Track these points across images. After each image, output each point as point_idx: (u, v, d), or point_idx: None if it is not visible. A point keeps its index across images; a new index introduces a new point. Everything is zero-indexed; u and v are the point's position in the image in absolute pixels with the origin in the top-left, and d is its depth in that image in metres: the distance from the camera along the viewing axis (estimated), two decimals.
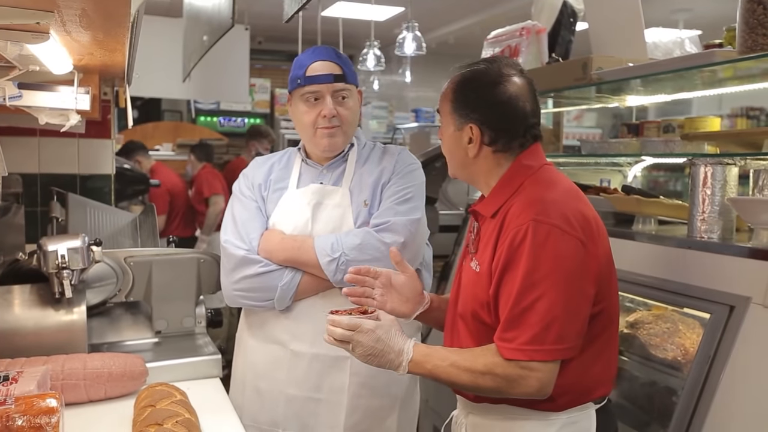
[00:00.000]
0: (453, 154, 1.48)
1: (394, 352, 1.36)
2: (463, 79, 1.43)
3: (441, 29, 7.18)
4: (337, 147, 1.82)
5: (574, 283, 1.29)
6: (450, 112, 1.44)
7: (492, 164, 1.43)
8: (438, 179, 3.21)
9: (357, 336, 1.36)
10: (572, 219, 1.31)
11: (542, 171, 1.41)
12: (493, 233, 1.38)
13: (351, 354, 1.39)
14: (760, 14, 1.67)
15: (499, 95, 1.38)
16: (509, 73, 1.40)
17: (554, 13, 2.82)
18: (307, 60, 1.79)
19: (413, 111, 7.98)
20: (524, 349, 1.27)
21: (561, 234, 1.29)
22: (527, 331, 1.27)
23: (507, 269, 1.31)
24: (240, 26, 5.98)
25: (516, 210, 1.34)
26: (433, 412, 2.77)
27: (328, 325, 1.39)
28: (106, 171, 2.74)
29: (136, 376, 1.62)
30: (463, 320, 1.45)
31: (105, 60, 1.57)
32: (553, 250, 1.28)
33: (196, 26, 3.86)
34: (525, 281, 1.27)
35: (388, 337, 1.37)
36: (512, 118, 1.39)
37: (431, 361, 1.36)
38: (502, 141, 1.40)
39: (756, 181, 1.89)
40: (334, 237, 1.73)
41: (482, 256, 1.41)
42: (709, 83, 2.26)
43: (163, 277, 1.97)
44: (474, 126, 1.40)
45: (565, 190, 1.38)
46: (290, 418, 1.79)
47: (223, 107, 7.91)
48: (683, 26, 6.53)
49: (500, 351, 1.29)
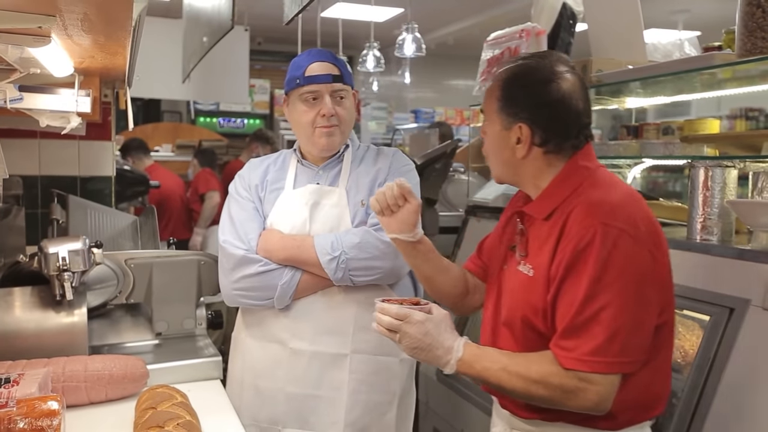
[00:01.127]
0: (497, 155, 1.40)
1: (443, 348, 1.30)
2: (512, 75, 1.36)
3: (440, 30, 7.19)
4: (335, 146, 1.83)
5: (642, 293, 1.22)
6: (497, 110, 1.37)
7: (542, 165, 1.35)
8: (438, 180, 3.21)
9: (405, 327, 1.30)
10: (640, 224, 1.24)
11: (599, 172, 1.35)
12: (550, 236, 1.30)
13: (397, 345, 1.34)
14: (759, 17, 1.68)
15: (552, 93, 1.31)
16: (561, 70, 1.33)
17: (554, 15, 2.82)
18: (305, 61, 1.82)
19: (412, 112, 7.99)
20: (585, 359, 1.19)
21: (630, 239, 1.21)
22: (590, 340, 1.19)
23: (570, 274, 1.23)
24: (240, 27, 5.99)
25: (580, 213, 1.26)
26: (434, 414, 2.78)
27: (377, 313, 1.35)
28: (107, 173, 2.74)
29: (137, 378, 1.62)
30: (509, 328, 1.37)
31: (106, 63, 1.57)
32: (621, 256, 1.20)
33: (196, 27, 3.86)
34: (590, 288, 1.20)
35: (438, 331, 1.31)
36: (565, 118, 1.32)
37: (481, 362, 1.29)
38: (554, 142, 1.33)
39: (755, 183, 1.90)
40: (334, 236, 1.75)
41: (536, 259, 1.33)
42: (708, 85, 2.26)
43: (164, 279, 1.97)
44: (524, 126, 1.33)
45: (628, 194, 1.31)
46: (291, 415, 1.80)
47: (223, 108, 7.92)
48: (682, 27, 6.54)
49: (559, 360, 1.22)
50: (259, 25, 6.66)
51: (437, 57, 7.25)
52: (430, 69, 8.09)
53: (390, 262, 1.74)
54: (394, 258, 1.74)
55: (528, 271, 1.34)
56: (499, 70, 1.39)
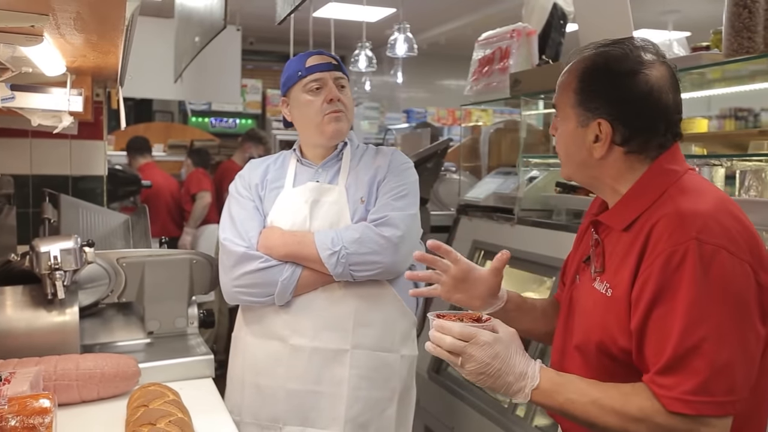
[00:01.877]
0: (571, 154, 1.25)
1: (514, 375, 1.13)
2: (592, 66, 1.20)
3: (432, 30, 7.20)
4: (343, 133, 1.86)
5: (746, 317, 1.05)
6: (573, 105, 1.21)
7: (623, 167, 1.19)
8: (430, 180, 3.22)
9: (470, 349, 1.13)
10: (739, 238, 1.07)
11: (688, 177, 1.17)
12: (631, 251, 1.14)
13: (458, 370, 1.16)
14: (746, 18, 1.70)
15: (639, 86, 1.15)
16: (650, 60, 1.16)
17: (544, 15, 2.85)
18: (303, 57, 1.87)
19: (405, 112, 8.01)
20: (689, 399, 1.03)
21: (729, 257, 1.05)
22: (693, 376, 1.03)
23: (661, 299, 1.07)
24: (232, 27, 5.98)
25: (668, 225, 1.09)
26: (425, 412, 2.79)
27: (435, 332, 1.16)
28: (98, 172, 2.74)
29: (128, 376, 1.63)
30: (581, 352, 1.22)
31: (98, 62, 1.57)
32: (721, 277, 1.04)
33: (188, 27, 3.85)
34: (688, 315, 1.03)
35: (508, 354, 1.14)
36: (652, 114, 1.16)
37: (564, 393, 1.12)
38: (638, 141, 1.17)
39: (742, 181, 1.92)
40: (334, 232, 1.76)
41: (615, 277, 1.16)
42: (697, 85, 2.29)
43: (156, 278, 1.97)
44: (604, 122, 1.17)
45: (721, 201, 1.13)
46: (291, 413, 1.81)
47: (215, 108, 7.91)
48: (672, 27, 6.59)
49: (659, 399, 1.06)
50: (251, 25, 6.66)
51: (429, 57, 7.27)
52: (422, 69, 8.10)
53: (390, 258, 1.75)
54: (393, 253, 1.75)
55: (605, 290, 1.18)
56: (576, 58, 1.23)
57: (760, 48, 1.70)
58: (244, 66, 6.45)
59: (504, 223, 2.68)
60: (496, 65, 2.77)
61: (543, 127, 3.29)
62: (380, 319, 1.82)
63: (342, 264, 1.73)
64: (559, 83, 1.25)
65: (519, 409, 2.31)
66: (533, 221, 2.56)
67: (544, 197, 2.61)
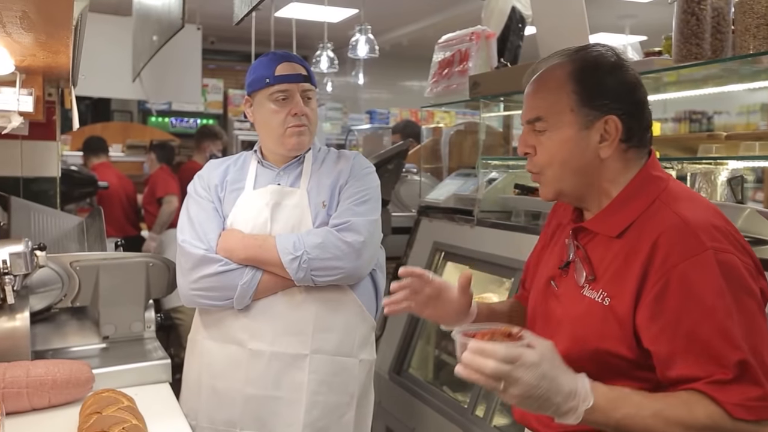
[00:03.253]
0: (569, 162, 1.19)
1: (562, 395, 1.03)
2: (586, 64, 1.18)
3: (395, 31, 7.23)
4: (304, 146, 1.85)
5: (764, 320, 1.08)
6: (575, 107, 1.16)
7: (619, 167, 1.18)
8: (390, 181, 3.23)
9: (517, 371, 1.00)
10: (740, 244, 1.10)
11: (674, 184, 1.19)
12: (633, 261, 1.11)
13: (499, 394, 1.04)
14: (694, 25, 1.75)
15: (631, 79, 1.17)
16: (624, 59, 1.20)
17: (503, 18, 2.88)
18: (273, 61, 1.83)
19: (367, 113, 8.02)
20: (752, 406, 1.03)
21: (741, 262, 1.07)
22: (754, 385, 1.02)
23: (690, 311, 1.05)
24: (192, 26, 5.91)
25: (677, 235, 1.07)
26: (386, 413, 2.80)
27: (475, 356, 1.02)
28: (51, 173, 2.68)
29: (81, 382, 1.59)
30: (570, 362, 1.12)
31: (49, 61, 1.54)
32: (742, 284, 1.06)
33: (146, 25, 3.80)
34: (729, 324, 1.03)
35: (555, 373, 1.03)
36: (645, 107, 1.19)
37: (621, 409, 1.05)
38: (638, 135, 1.18)
39: (693, 184, 1.97)
40: (296, 236, 1.75)
41: (614, 287, 1.14)
42: (652, 88, 2.34)
43: (111, 282, 1.93)
44: (613, 118, 1.15)
45: (713, 208, 1.15)
46: (248, 417, 1.79)
47: (175, 108, 7.80)
48: (629, 32, 6.74)
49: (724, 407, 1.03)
50: (211, 24, 6.58)
51: (392, 58, 7.30)
52: (385, 70, 8.13)
53: (352, 263, 1.75)
54: (356, 259, 1.75)
55: (602, 299, 1.14)
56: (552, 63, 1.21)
57: (708, 54, 1.76)
58: (205, 66, 6.39)
59: (464, 225, 2.70)
60: (456, 67, 2.79)
61: (502, 129, 3.33)
62: (340, 324, 1.81)
63: (304, 269, 1.72)
64: (539, 93, 1.20)
65: (478, 409, 2.33)
66: (492, 222, 2.58)
67: (503, 199, 2.64)
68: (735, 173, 1.88)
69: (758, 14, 1.66)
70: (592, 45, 1.22)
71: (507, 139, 3.22)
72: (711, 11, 1.75)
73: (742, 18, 1.69)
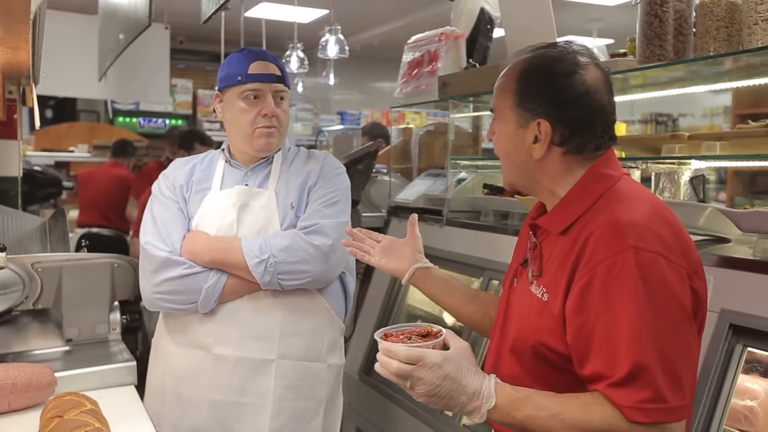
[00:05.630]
0: (511, 157, 1.25)
1: (467, 395, 1.09)
2: (530, 67, 1.21)
3: (365, 32, 7.23)
4: (273, 147, 1.82)
5: (688, 324, 1.08)
6: (513, 106, 1.21)
7: (561, 169, 1.20)
8: (360, 181, 3.23)
9: (418, 372, 1.07)
10: (673, 244, 1.09)
11: (623, 182, 1.19)
12: (568, 257, 1.14)
13: (409, 392, 1.11)
14: (657, 27, 1.78)
15: (576, 86, 1.17)
16: (585, 62, 1.19)
17: (472, 19, 2.90)
18: (246, 59, 1.79)
19: (338, 113, 8.01)
20: (647, 408, 1.03)
21: (667, 263, 1.06)
22: (648, 387, 1.03)
23: (604, 310, 1.06)
24: (159, 25, 5.84)
25: (603, 234, 1.09)
26: (356, 414, 2.79)
27: (382, 356, 1.11)
28: (12, 173, 2.62)
29: (43, 386, 1.56)
30: (517, 356, 1.21)
31: (8, 57, 1.51)
32: (661, 284, 1.05)
33: (112, 24, 3.74)
34: (636, 326, 1.04)
35: (460, 373, 1.09)
36: (589, 113, 1.18)
37: (523, 410, 1.08)
38: (576, 141, 1.18)
39: (657, 183, 2.01)
40: (262, 238, 1.72)
41: (552, 282, 1.16)
42: (618, 90, 2.36)
43: (74, 283, 1.89)
44: (544, 122, 1.18)
45: (656, 208, 1.15)
46: (213, 424, 1.76)
47: (143, 108, 7.71)
48: (597, 35, 6.84)
49: (620, 410, 1.04)
50: (180, 24, 6.52)
51: (363, 59, 7.31)
52: (356, 71, 8.14)
53: (319, 267, 1.72)
54: (323, 262, 1.72)
55: (542, 294, 1.18)
56: (514, 61, 1.24)
57: (670, 56, 1.79)
58: (174, 65, 6.33)
59: (433, 225, 2.71)
60: (425, 68, 2.80)
61: (471, 129, 3.35)
62: (308, 329, 1.79)
63: (270, 273, 1.68)
64: (496, 86, 1.26)
65: None
66: (461, 222, 2.60)
67: (472, 199, 2.66)
68: (697, 173, 1.92)
69: (718, 17, 1.70)
70: (554, 45, 1.23)
71: (476, 140, 3.24)
72: (673, 14, 1.78)
73: (703, 20, 1.73)
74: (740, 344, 1.51)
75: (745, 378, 1.56)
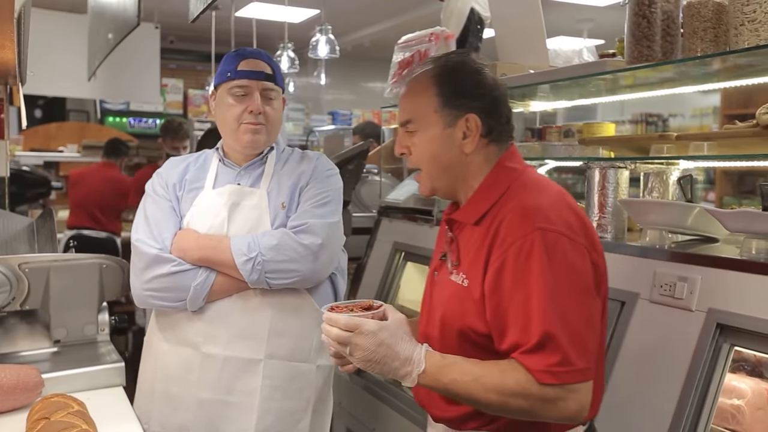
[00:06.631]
0: (437, 160, 1.32)
1: (400, 360, 1.20)
2: (445, 69, 1.31)
3: (356, 33, 7.23)
4: (259, 145, 1.81)
5: (589, 295, 1.21)
6: (437, 108, 1.29)
7: (482, 161, 1.31)
8: (351, 181, 3.23)
9: (355, 338, 1.19)
10: (575, 225, 1.22)
11: (527, 174, 1.32)
12: (483, 244, 1.24)
13: (349, 358, 1.23)
14: (645, 27, 1.79)
15: (488, 80, 1.30)
16: (481, 63, 1.33)
17: (462, 19, 2.90)
18: (239, 56, 1.80)
19: (330, 113, 8.00)
20: (557, 371, 1.13)
21: (569, 242, 1.19)
22: (556, 352, 1.13)
23: (517, 286, 1.17)
24: (149, 24, 5.82)
25: (513, 218, 1.21)
26: (347, 414, 2.79)
27: (325, 324, 1.23)
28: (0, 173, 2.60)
29: (30, 388, 1.55)
30: (444, 340, 1.30)
31: None
32: (564, 260, 1.17)
33: (101, 23, 3.72)
34: (545, 298, 1.15)
35: (394, 341, 1.20)
36: (502, 104, 1.32)
37: (449, 374, 1.19)
38: (498, 130, 1.31)
39: (646, 183, 2.02)
40: (251, 237, 1.72)
41: (470, 269, 1.27)
42: (608, 90, 2.39)
43: (62, 284, 1.88)
44: (472, 116, 1.28)
45: (559, 195, 1.28)
46: (200, 422, 1.76)
47: (134, 108, 7.68)
48: (587, 35, 6.86)
49: (532, 374, 1.15)
50: (170, 23, 6.49)
51: (354, 59, 7.31)
52: (348, 71, 8.13)
53: (308, 266, 1.72)
54: (312, 261, 1.72)
55: (462, 281, 1.28)
56: (416, 73, 1.34)
57: (658, 56, 1.80)
58: (165, 65, 6.32)
59: (423, 225, 2.71)
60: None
61: None
62: (297, 329, 1.79)
63: (257, 271, 1.68)
64: (408, 98, 1.34)
65: None
66: None
67: None
68: (685, 173, 1.93)
69: (705, 18, 1.70)
70: (453, 53, 1.39)
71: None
72: (661, 14, 1.79)
73: (690, 21, 1.74)
74: (727, 343, 1.51)
75: (732, 377, 1.57)
